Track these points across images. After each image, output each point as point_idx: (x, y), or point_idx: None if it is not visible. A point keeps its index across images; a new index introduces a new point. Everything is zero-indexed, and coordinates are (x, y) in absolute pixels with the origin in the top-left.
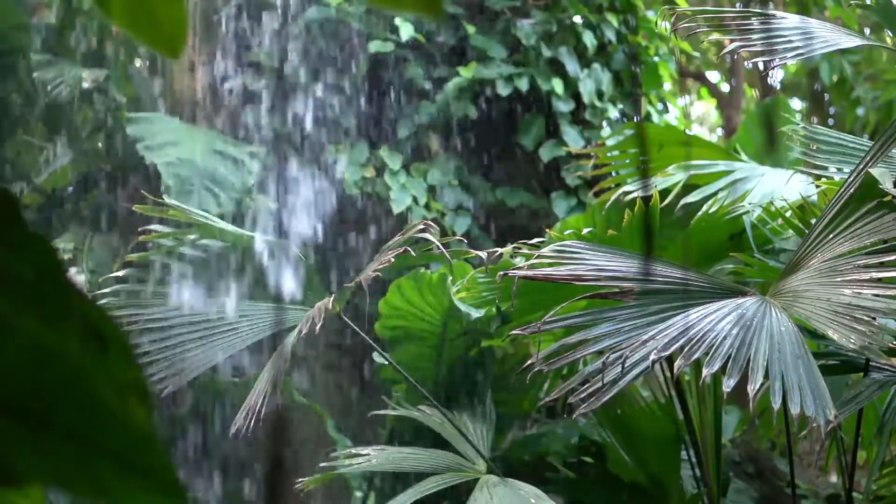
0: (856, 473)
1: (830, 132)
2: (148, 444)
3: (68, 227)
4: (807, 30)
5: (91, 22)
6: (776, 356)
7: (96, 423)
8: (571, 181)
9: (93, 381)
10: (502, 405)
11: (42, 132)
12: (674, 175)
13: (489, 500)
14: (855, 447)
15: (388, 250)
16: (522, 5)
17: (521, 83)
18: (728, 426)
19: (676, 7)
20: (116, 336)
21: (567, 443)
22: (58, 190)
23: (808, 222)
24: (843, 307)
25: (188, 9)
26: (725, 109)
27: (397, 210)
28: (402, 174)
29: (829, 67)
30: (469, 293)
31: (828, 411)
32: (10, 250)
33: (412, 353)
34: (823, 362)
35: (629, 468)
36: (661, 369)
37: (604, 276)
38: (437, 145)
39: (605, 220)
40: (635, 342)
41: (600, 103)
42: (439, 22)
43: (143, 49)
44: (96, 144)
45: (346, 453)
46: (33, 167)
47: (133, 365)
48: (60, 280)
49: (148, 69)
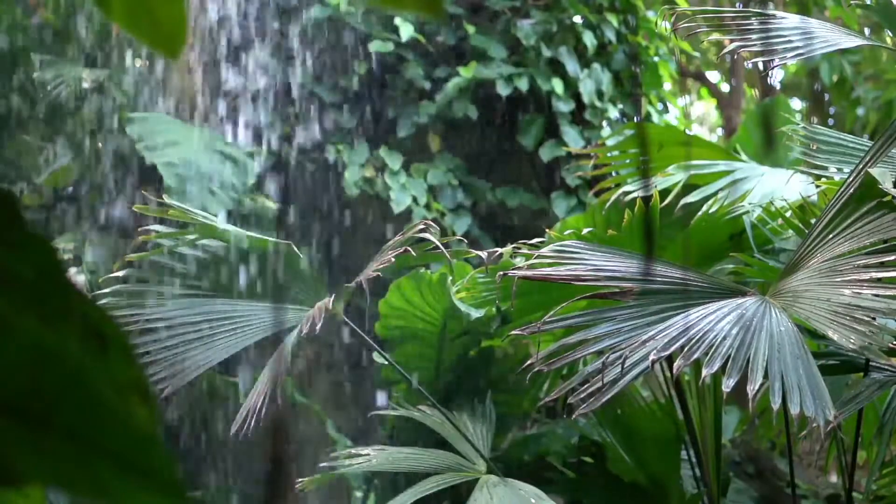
0: (856, 473)
1: (830, 132)
2: (149, 443)
3: (68, 227)
4: (807, 30)
5: (91, 22)
6: (776, 356)
7: (96, 422)
8: (571, 181)
9: (93, 381)
10: (502, 405)
11: (42, 132)
12: (674, 175)
13: (489, 500)
14: (855, 447)
15: (388, 250)
16: (522, 5)
17: (521, 83)
18: (728, 426)
19: (676, 7)
20: (117, 336)
21: (567, 443)
22: (58, 190)
23: (808, 222)
24: (842, 307)
25: (188, 9)
26: (725, 109)
27: (397, 210)
28: (402, 174)
29: (829, 67)
30: (469, 293)
31: (827, 411)
32: (10, 250)
33: (412, 353)
34: (823, 362)
35: (629, 468)
36: (660, 369)
37: (603, 276)
38: (437, 145)
39: (605, 220)
40: (635, 342)
41: (600, 103)
42: (439, 22)
43: (143, 49)
44: (96, 144)
45: (346, 453)
46: (33, 167)
47: (134, 364)
48: (60, 280)
49: (148, 69)
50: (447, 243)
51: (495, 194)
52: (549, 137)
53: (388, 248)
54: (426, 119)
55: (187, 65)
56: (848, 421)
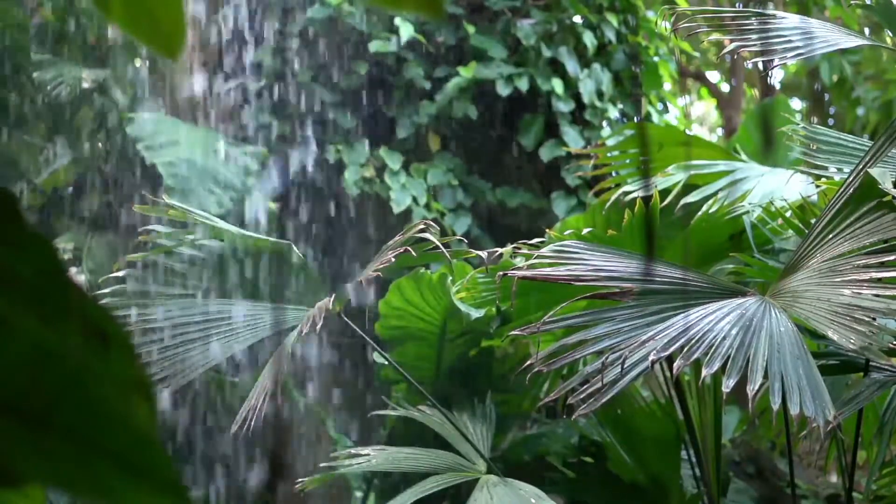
0: (856, 473)
1: (830, 132)
2: (148, 443)
3: (68, 227)
4: (807, 30)
5: (91, 22)
6: (776, 356)
7: (96, 422)
8: (571, 181)
9: (93, 381)
10: (502, 405)
11: (42, 132)
12: (674, 175)
13: (489, 500)
14: (855, 447)
15: (389, 250)
16: (522, 5)
17: (521, 83)
18: (728, 426)
19: (676, 7)
20: (118, 335)
21: (567, 443)
22: (58, 190)
23: (808, 222)
24: (842, 307)
25: (187, 10)
26: (725, 109)
27: (397, 210)
28: (402, 174)
29: (829, 67)
30: (469, 293)
31: (827, 411)
32: (11, 250)
33: (412, 353)
34: (823, 362)
35: (629, 468)
36: (661, 369)
37: (603, 276)
38: (437, 145)
39: (605, 220)
40: (635, 342)
41: (600, 103)
42: (439, 22)
43: (143, 49)
44: (96, 144)
45: (346, 453)
46: (33, 167)
47: (135, 363)
48: (61, 279)
49: (148, 69)
50: (447, 243)
51: (495, 194)
52: (549, 137)
53: (388, 248)
54: (426, 119)
55: (187, 65)
56: (848, 421)
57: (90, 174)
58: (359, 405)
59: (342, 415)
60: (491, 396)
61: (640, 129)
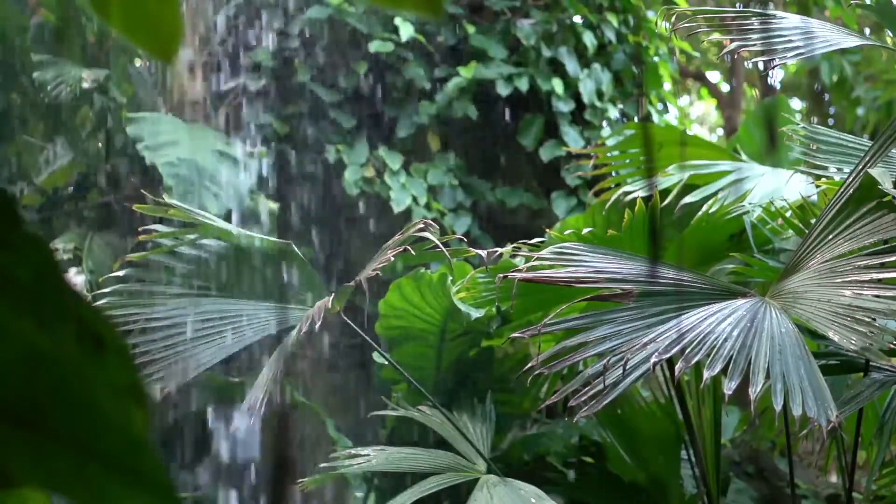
0: (856, 473)
1: (830, 132)
2: (141, 447)
3: (68, 227)
4: (807, 30)
5: (91, 22)
6: (777, 358)
7: (90, 426)
8: (571, 181)
9: (88, 384)
10: (502, 405)
11: (42, 132)
12: (673, 175)
13: (489, 500)
14: (855, 447)
15: (388, 250)
16: (522, 5)
17: (521, 83)
18: (728, 426)
19: (676, 7)
20: (113, 339)
21: (567, 443)
22: (58, 190)
23: (808, 222)
24: (843, 308)
25: (184, 12)
26: (725, 109)
27: (397, 210)
28: (402, 174)
29: (829, 67)
30: (469, 293)
31: (830, 412)
32: (8, 253)
33: (412, 353)
34: (823, 362)
35: (629, 468)
36: (661, 369)
37: (603, 277)
38: (437, 145)
39: (606, 220)
40: (636, 344)
41: (600, 103)
42: (439, 22)
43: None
44: (96, 144)
45: (346, 453)
46: (33, 167)
47: (130, 368)
48: (57, 282)
49: (148, 69)
50: (447, 243)
51: (495, 194)
52: (549, 137)
53: (388, 247)
54: (426, 119)
55: (187, 64)
56: (848, 421)
57: (90, 174)
58: (359, 405)
59: (342, 415)
60: (491, 396)
61: (644, 129)
